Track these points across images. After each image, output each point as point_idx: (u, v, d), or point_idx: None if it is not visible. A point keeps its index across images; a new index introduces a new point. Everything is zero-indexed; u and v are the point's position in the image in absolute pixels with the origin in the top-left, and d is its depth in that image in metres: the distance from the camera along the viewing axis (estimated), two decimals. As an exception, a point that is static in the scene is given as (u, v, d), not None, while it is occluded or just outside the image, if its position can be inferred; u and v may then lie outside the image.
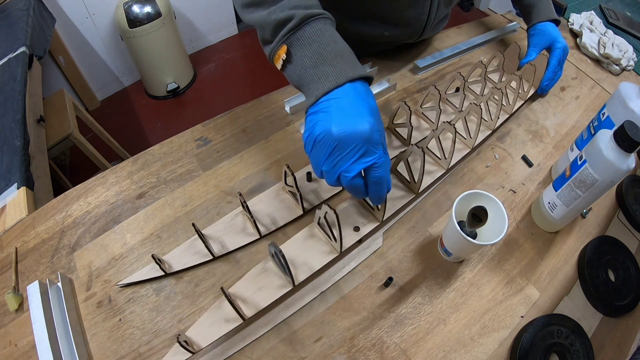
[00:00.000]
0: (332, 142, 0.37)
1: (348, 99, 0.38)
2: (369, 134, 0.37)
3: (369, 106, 0.39)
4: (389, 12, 0.66)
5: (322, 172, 0.40)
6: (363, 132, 0.36)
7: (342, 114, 0.37)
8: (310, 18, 0.41)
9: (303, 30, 0.41)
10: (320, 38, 0.40)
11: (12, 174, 0.75)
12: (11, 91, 0.98)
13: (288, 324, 0.45)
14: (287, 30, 0.41)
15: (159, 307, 0.45)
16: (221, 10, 2.29)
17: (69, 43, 1.75)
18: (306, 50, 0.40)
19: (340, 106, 0.38)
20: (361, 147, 0.37)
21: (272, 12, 0.42)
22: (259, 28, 0.44)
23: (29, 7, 1.29)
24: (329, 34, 0.41)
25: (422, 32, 0.72)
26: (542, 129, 0.70)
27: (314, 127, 0.39)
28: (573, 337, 0.45)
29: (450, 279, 0.50)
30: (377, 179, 0.39)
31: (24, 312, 0.44)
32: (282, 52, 0.42)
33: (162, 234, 0.51)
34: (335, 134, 0.36)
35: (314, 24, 0.41)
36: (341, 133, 0.36)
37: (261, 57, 2.30)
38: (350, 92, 0.38)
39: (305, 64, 0.40)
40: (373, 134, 0.37)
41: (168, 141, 0.62)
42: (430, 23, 0.70)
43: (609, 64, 0.85)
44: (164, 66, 1.94)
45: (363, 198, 0.46)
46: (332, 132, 0.36)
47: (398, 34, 0.71)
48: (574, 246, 0.55)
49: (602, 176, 0.45)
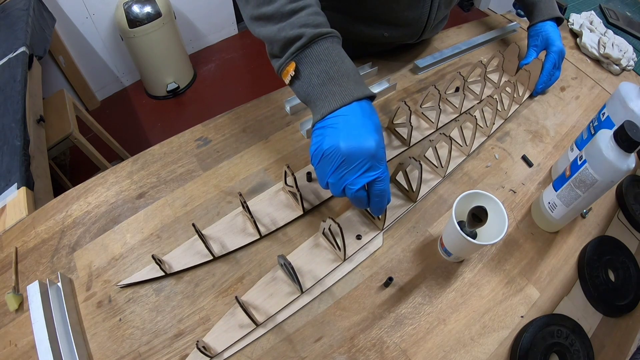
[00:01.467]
0: (339, 157, 0.39)
1: (355, 117, 0.39)
2: (374, 150, 0.38)
3: (374, 124, 0.40)
4: (389, 13, 0.66)
5: (327, 184, 0.42)
6: (369, 148, 0.38)
7: (350, 131, 0.39)
8: (319, 37, 0.42)
9: (312, 48, 0.42)
10: (328, 57, 0.42)
11: (12, 174, 0.75)
12: (11, 91, 0.98)
13: (288, 324, 0.45)
14: (296, 48, 0.42)
15: (159, 307, 0.45)
16: (221, 10, 2.29)
17: (69, 43, 1.75)
18: (314, 68, 0.42)
19: (347, 123, 0.39)
20: (367, 162, 0.39)
21: (282, 29, 0.42)
22: (268, 42, 0.45)
23: (29, 7, 1.29)
24: (336, 52, 0.43)
25: (422, 33, 0.72)
26: (542, 129, 0.70)
27: (322, 142, 0.40)
28: (573, 337, 0.45)
29: (450, 279, 0.50)
30: (380, 192, 0.41)
31: (24, 312, 0.44)
32: (290, 68, 0.43)
33: (162, 234, 0.51)
34: (343, 149, 0.38)
35: (322, 42, 0.42)
36: (349, 148, 0.38)
37: (261, 57, 2.31)
38: (357, 110, 0.40)
39: (313, 81, 0.42)
40: (378, 151, 0.39)
41: (168, 141, 0.62)
42: (430, 24, 0.70)
43: (609, 64, 0.85)
44: (164, 66, 1.94)
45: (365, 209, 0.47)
46: (340, 147, 0.38)
47: (398, 34, 0.71)
48: (574, 246, 0.55)
49: (602, 176, 0.45)
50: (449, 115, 0.69)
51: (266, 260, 0.49)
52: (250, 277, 0.48)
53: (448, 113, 0.69)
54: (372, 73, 0.74)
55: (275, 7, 0.43)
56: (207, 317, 0.45)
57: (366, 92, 0.42)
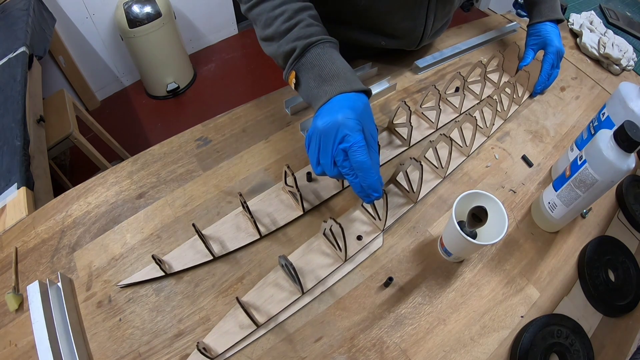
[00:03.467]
0: (318, 135, 0.43)
1: (334, 103, 0.44)
2: (341, 120, 0.42)
3: (350, 105, 0.43)
4: (384, 24, 0.67)
5: (320, 167, 0.45)
6: (336, 119, 0.42)
7: (326, 113, 0.44)
8: (310, 45, 0.47)
9: (305, 57, 0.48)
10: (319, 61, 0.47)
11: (12, 174, 0.75)
12: (11, 91, 0.98)
13: (288, 324, 0.45)
14: (293, 60, 0.48)
15: (159, 307, 0.45)
16: (221, 10, 2.29)
17: (69, 43, 1.75)
18: (309, 73, 0.47)
19: (326, 108, 0.44)
20: (338, 131, 0.42)
21: (280, 46, 0.49)
22: (274, 58, 0.52)
23: (29, 7, 1.29)
24: (327, 56, 0.47)
25: (420, 42, 0.72)
26: (542, 129, 0.70)
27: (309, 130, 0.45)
28: (573, 337, 0.45)
29: (450, 279, 0.50)
30: (358, 164, 0.41)
31: (24, 312, 0.44)
32: (292, 77, 0.49)
33: (162, 234, 0.51)
34: (320, 126, 0.43)
35: (313, 50, 0.47)
36: (323, 125, 0.43)
37: (261, 57, 2.31)
38: (339, 99, 0.44)
39: (310, 85, 0.47)
40: (346, 120, 0.42)
41: (168, 141, 0.62)
42: (427, 34, 0.70)
43: (609, 64, 0.85)
44: (164, 66, 1.94)
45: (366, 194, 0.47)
46: (318, 126, 0.43)
47: (395, 44, 0.71)
48: (574, 246, 0.55)
49: (602, 176, 0.45)
50: (449, 116, 0.69)
51: (266, 260, 0.49)
52: (250, 277, 0.48)
53: (448, 113, 0.69)
54: (372, 73, 0.74)
55: (274, 29, 0.49)
56: (207, 317, 0.45)
57: (354, 87, 0.45)
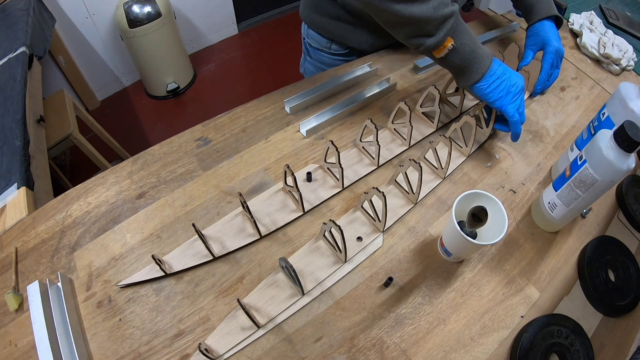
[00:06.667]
0: (519, 89, 0.56)
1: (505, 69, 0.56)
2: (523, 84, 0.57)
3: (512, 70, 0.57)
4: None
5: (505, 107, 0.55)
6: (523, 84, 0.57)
7: (515, 76, 0.56)
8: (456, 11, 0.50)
9: (458, 22, 0.50)
10: (466, 26, 0.51)
11: (12, 174, 0.75)
12: (11, 91, 0.98)
13: (288, 324, 0.45)
14: (452, 23, 0.49)
15: (159, 307, 0.45)
16: (221, 10, 2.28)
17: (69, 43, 1.75)
18: (464, 38, 0.51)
19: (511, 73, 0.56)
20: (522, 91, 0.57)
21: (438, 8, 0.47)
22: (422, 22, 0.49)
23: (29, 7, 1.29)
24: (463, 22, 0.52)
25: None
26: (542, 129, 0.70)
27: (503, 85, 0.55)
28: (573, 337, 0.45)
29: (450, 279, 0.50)
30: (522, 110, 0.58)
31: (24, 312, 0.44)
32: (448, 43, 0.50)
33: (162, 234, 0.51)
34: (520, 85, 0.56)
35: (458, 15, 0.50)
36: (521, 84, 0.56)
37: (261, 57, 2.31)
38: (501, 64, 0.55)
39: (465, 49, 0.51)
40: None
41: (168, 141, 0.62)
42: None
43: (609, 64, 0.85)
44: (164, 66, 1.94)
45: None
46: (519, 84, 0.55)
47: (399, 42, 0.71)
48: (574, 246, 0.55)
49: (602, 176, 0.45)
50: (449, 116, 0.69)
51: (266, 261, 0.49)
52: (250, 277, 0.48)
53: (448, 113, 0.69)
54: (372, 73, 0.74)
55: None
56: (207, 317, 0.45)
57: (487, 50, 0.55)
